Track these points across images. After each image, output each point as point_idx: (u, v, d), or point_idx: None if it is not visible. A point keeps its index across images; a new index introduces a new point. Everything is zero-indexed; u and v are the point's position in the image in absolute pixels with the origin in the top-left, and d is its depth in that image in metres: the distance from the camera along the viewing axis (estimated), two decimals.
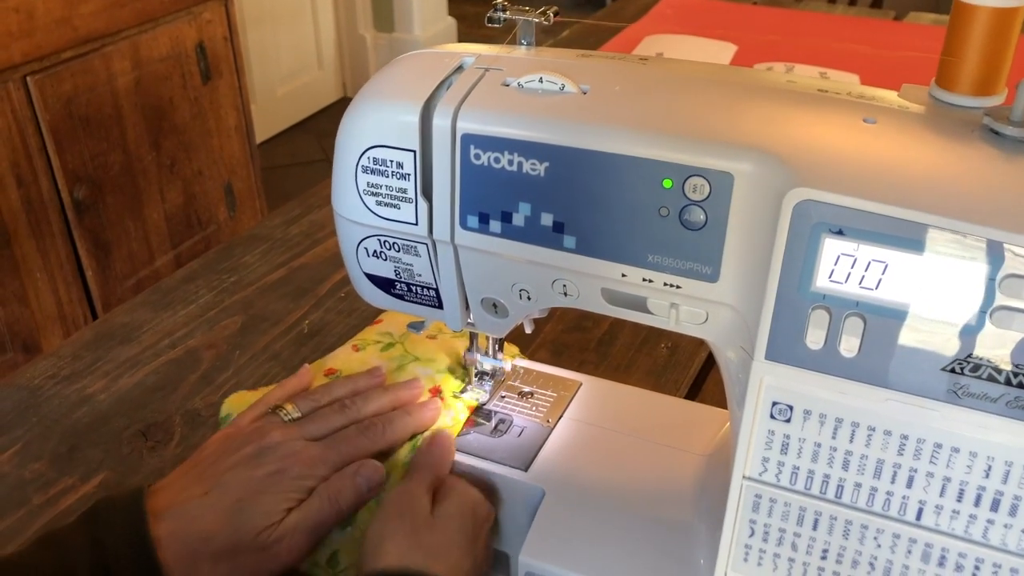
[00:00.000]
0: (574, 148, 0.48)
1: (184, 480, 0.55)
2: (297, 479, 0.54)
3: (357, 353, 0.68)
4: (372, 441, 0.57)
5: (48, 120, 1.66)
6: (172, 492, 0.54)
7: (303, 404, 0.60)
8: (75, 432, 0.75)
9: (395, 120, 0.51)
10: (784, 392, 0.46)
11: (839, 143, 0.45)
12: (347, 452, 0.56)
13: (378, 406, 0.60)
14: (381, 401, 0.60)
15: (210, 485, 0.53)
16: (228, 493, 0.53)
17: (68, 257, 1.75)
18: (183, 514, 0.52)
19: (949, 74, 0.47)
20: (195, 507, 0.52)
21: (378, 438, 0.58)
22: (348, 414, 0.59)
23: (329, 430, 0.58)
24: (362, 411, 0.59)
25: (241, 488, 0.53)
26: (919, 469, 0.45)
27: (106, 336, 0.87)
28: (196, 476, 0.55)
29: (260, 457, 0.54)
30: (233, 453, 0.55)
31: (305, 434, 0.57)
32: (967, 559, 0.45)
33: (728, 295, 0.48)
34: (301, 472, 0.54)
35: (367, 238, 0.55)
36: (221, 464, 0.55)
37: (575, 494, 0.57)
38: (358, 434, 0.57)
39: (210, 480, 0.54)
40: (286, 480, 0.54)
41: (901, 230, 0.41)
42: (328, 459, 0.55)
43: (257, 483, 0.53)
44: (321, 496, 0.54)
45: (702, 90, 0.50)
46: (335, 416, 0.59)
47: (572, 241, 0.50)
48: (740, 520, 0.50)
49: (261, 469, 0.54)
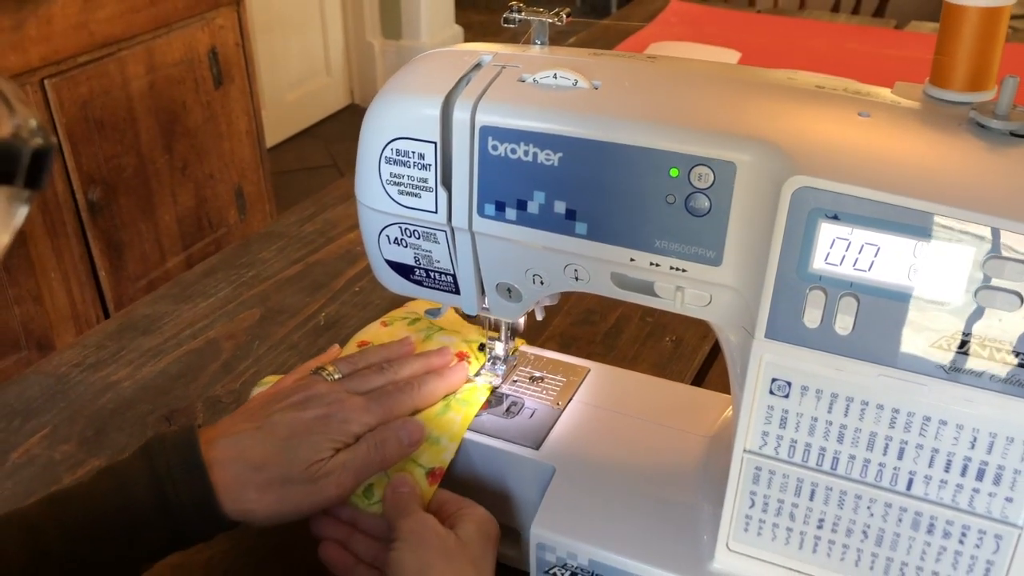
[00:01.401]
0: (586, 139, 0.51)
1: (235, 419, 0.59)
2: (343, 423, 0.58)
3: (386, 328, 0.71)
4: (410, 398, 0.61)
5: (64, 123, 1.69)
6: (223, 427, 0.58)
7: (342, 366, 0.64)
8: (101, 417, 0.78)
9: (417, 113, 0.54)
10: (783, 369, 0.49)
11: (835, 135, 0.48)
12: (388, 405, 0.60)
13: (412, 370, 0.64)
14: (414, 366, 0.64)
15: (261, 422, 0.57)
16: (278, 430, 0.56)
17: (82, 257, 1.79)
18: (235, 443, 0.56)
19: (941, 72, 0.50)
20: (247, 438, 0.56)
21: (415, 396, 0.62)
22: (386, 375, 0.63)
23: (370, 387, 0.62)
24: (398, 373, 0.63)
25: (290, 426, 0.57)
26: (910, 441, 0.47)
27: (129, 327, 0.90)
28: (246, 416, 0.58)
29: (307, 403, 0.58)
30: (282, 399, 0.59)
31: (348, 387, 0.61)
32: (954, 526, 0.48)
33: (730, 278, 0.50)
34: (347, 416, 0.58)
35: (389, 226, 0.58)
36: (270, 407, 0.58)
37: (584, 472, 0.60)
38: (396, 391, 0.61)
39: (260, 418, 0.57)
40: (333, 423, 0.57)
41: (892, 215, 0.44)
42: (372, 409, 0.59)
43: (305, 423, 0.57)
44: (369, 442, 0.58)
45: (707, 86, 0.53)
46: (374, 376, 0.63)
47: (584, 227, 0.53)
48: (741, 492, 0.52)
49: (309, 412, 0.57)
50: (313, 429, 0.57)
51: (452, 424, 0.62)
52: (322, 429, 0.57)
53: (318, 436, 0.56)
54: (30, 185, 0.28)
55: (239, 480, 0.54)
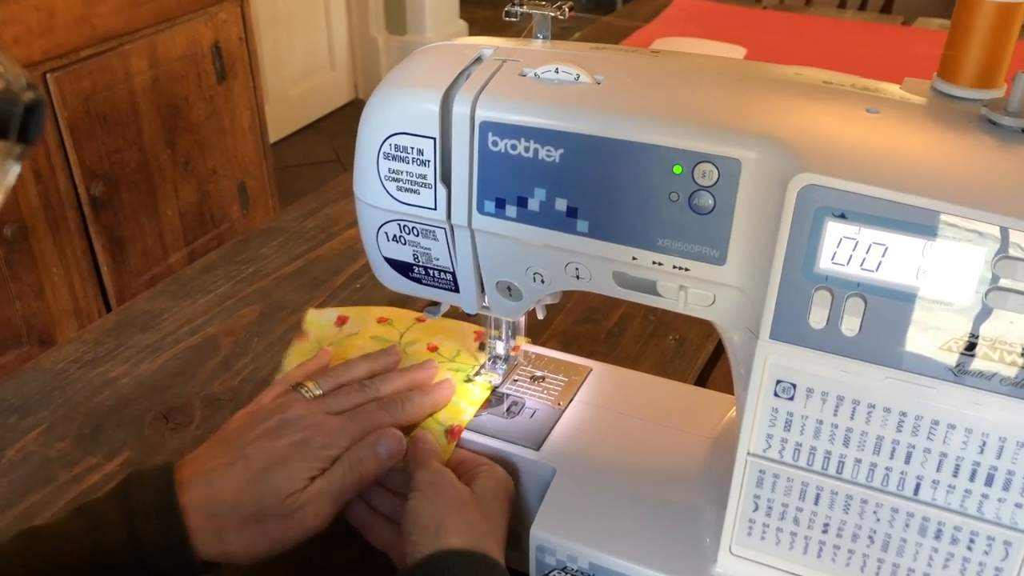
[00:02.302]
0: (588, 135, 0.50)
1: (209, 453, 0.57)
2: (320, 448, 0.56)
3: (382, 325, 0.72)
4: (392, 416, 0.59)
5: (67, 117, 1.68)
6: (198, 463, 0.56)
7: (324, 382, 0.62)
8: (98, 414, 0.77)
9: (416, 108, 0.53)
10: (788, 371, 0.48)
11: (842, 131, 0.47)
12: (367, 425, 0.58)
13: (395, 386, 0.62)
14: (398, 382, 0.63)
15: (234, 456, 0.55)
16: (252, 464, 0.55)
17: (84, 252, 1.78)
18: (208, 483, 0.54)
19: (951, 67, 0.49)
20: (219, 477, 0.54)
21: (397, 414, 0.60)
22: (367, 392, 0.61)
23: (349, 406, 0.60)
24: (381, 390, 0.61)
25: (264, 458, 0.55)
26: (917, 445, 0.46)
27: (127, 323, 0.89)
28: (221, 449, 0.56)
29: (283, 429, 0.56)
30: (256, 427, 0.57)
31: (326, 408, 0.59)
32: (962, 532, 0.47)
33: (735, 277, 0.49)
34: (323, 442, 0.56)
35: (387, 223, 0.57)
36: (245, 437, 0.56)
37: (585, 473, 0.59)
38: (378, 409, 0.59)
39: (234, 452, 0.55)
40: (309, 449, 0.55)
41: (901, 214, 0.43)
42: (349, 430, 0.57)
43: (280, 452, 0.55)
44: (344, 464, 0.56)
45: (711, 81, 0.52)
46: (355, 394, 0.61)
47: (585, 225, 0.52)
48: (744, 495, 0.51)
49: (284, 439, 0.56)
50: (288, 458, 0.55)
51: (471, 392, 0.64)
52: (297, 457, 0.55)
53: (293, 465, 0.55)
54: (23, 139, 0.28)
55: (215, 522, 0.53)
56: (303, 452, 0.55)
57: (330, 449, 0.56)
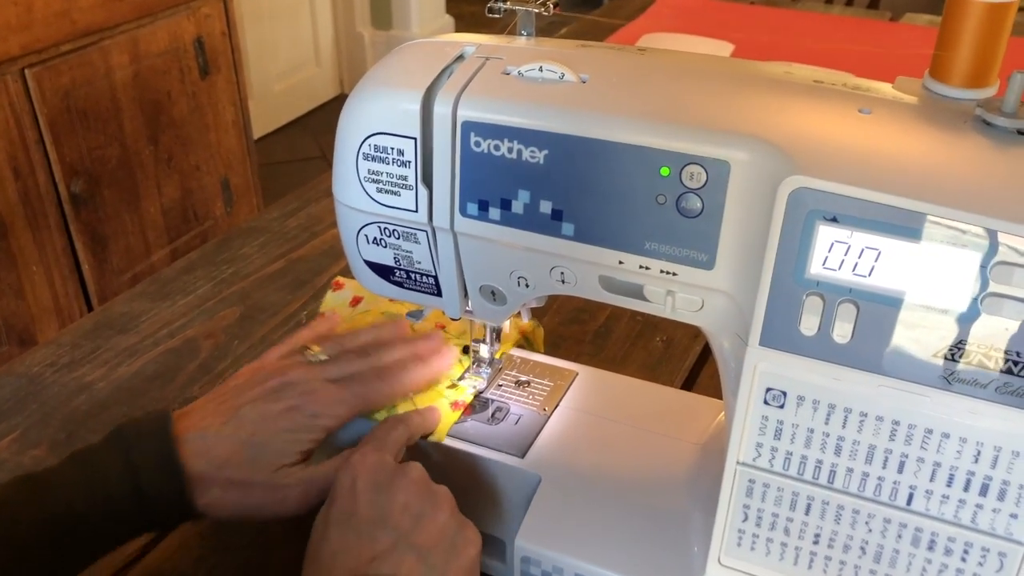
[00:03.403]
0: (573, 136, 0.48)
1: (205, 408, 0.57)
2: (311, 417, 0.56)
3: None
4: (389, 386, 0.60)
5: (46, 113, 1.66)
6: (193, 419, 0.56)
7: (329, 347, 0.62)
8: (74, 420, 0.75)
9: (396, 108, 0.52)
10: (778, 378, 0.46)
11: (834, 132, 0.45)
12: (363, 394, 0.59)
13: (398, 355, 0.62)
14: (401, 351, 0.62)
15: (228, 416, 0.56)
16: (244, 426, 0.55)
17: (65, 250, 1.76)
18: (202, 440, 0.55)
19: (943, 67, 0.48)
20: (212, 435, 0.55)
21: (394, 384, 0.60)
22: (369, 360, 0.61)
23: (348, 373, 0.60)
24: (382, 359, 0.61)
25: (257, 422, 0.55)
26: (910, 454, 0.45)
27: (105, 325, 0.87)
28: (216, 406, 0.57)
29: (280, 391, 0.57)
30: (256, 386, 0.57)
31: (326, 375, 0.59)
32: (956, 543, 0.46)
33: (723, 282, 0.48)
34: (316, 410, 0.56)
35: (367, 225, 0.56)
36: (242, 396, 0.57)
37: (571, 481, 0.58)
38: (375, 378, 0.60)
39: (229, 411, 0.56)
40: (301, 417, 0.56)
41: (894, 218, 0.41)
42: (344, 399, 0.58)
43: (273, 417, 0.56)
44: (338, 461, 0.56)
45: (699, 80, 0.50)
46: (356, 361, 0.61)
47: (570, 228, 0.50)
48: (734, 505, 0.50)
49: (279, 403, 0.56)
50: (280, 426, 0.55)
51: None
52: (289, 426, 0.56)
53: (284, 436, 0.55)
54: None
55: (205, 477, 0.54)
56: (295, 419, 0.56)
57: (322, 419, 0.57)
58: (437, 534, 0.51)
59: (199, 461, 0.54)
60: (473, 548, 0.51)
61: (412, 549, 0.49)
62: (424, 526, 0.51)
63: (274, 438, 0.55)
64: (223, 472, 0.54)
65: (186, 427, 0.56)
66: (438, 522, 0.51)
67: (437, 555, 0.50)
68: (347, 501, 0.52)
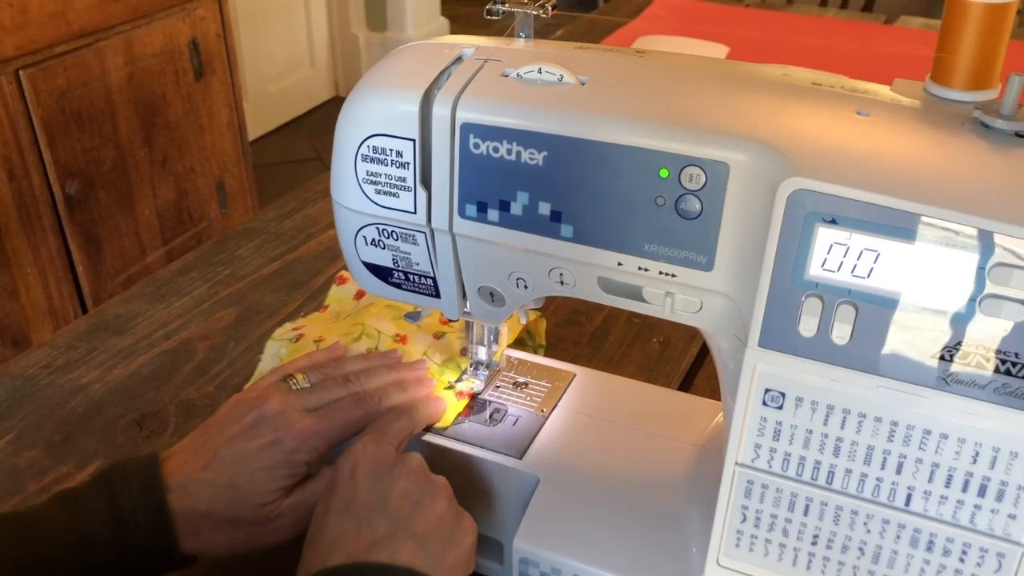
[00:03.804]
0: (572, 138, 0.48)
1: (187, 451, 0.56)
2: (290, 453, 0.55)
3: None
4: (367, 413, 0.59)
5: (40, 114, 1.65)
6: (177, 462, 0.56)
7: (313, 376, 0.61)
8: (69, 421, 0.75)
9: (395, 109, 0.51)
10: (777, 379, 0.46)
11: (833, 134, 0.46)
12: (340, 423, 0.58)
13: (380, 382, 0.62)
14: (384, 378, 0.62)
15: (208, 460, 0.55)
16: (224, 469, 0.54)
17: (59, 252, 1.75)
18: (184, 490, 0.54)
19: (943, 69, 0.48)
20: (194, 484, 0.54)
21: (372, 411, 0.59)
22: (350, 387, 0.60)
23: (327, 401, 0.59)
24: (364, 386, 0.61)
25: (235, 463, 0.55)
26: (908, 455, 0.45)
27: (100, 327, 0.87)
28: (197, 448, 0.56)
29: (255, 427, 0.56)
30: (233, 423, 0.56)
31: (304, 404, 0.58)
32: (954, 544, 0.46)
33: (722, 284, 0.48)
34: (294, 446, 0.55)
35: (365, 226, 0.56)
36: (222, 434, 0.56)
37: (569, 482, 0.58)
38: (353, 405, 0.59)
39: (208, 455, 0.55)
40: (279, 453, 0.55)
41: (893, 219, 0.42)
42: (322, 432, 0.57)
43: (250, 456, 0.55)
44: (323, 479, 0.56)
45: (698, 82, 0.51)
46: (337, 388, 0.60)
47: (569, 230, 0.50)
48: (732, 506, 0.50)
49: (255, 441, 0.55)
50: (257, 465, 0.54)
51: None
52: (267, 464, 0.55)
53: (262, 475, 0.54)
54: None
55: (192, 525, 0.54)
56: (272, 458, 0.55)
57: (300, 454, 0.56)
58: (435, 522, 0.51)
59: (184, 509, 0.53)
60: (470, 537, 0.52)
61: (410, 536, 0.50)
62: (422, 514, 0.51)
63: (253, 478, 0.54)
64: (209, 520, 0.54)
65: (170, 472, 0.55)
66: (436, 510, 0.51)
67: (434, 543, 0.50)
68: (347, 488, 0.52)
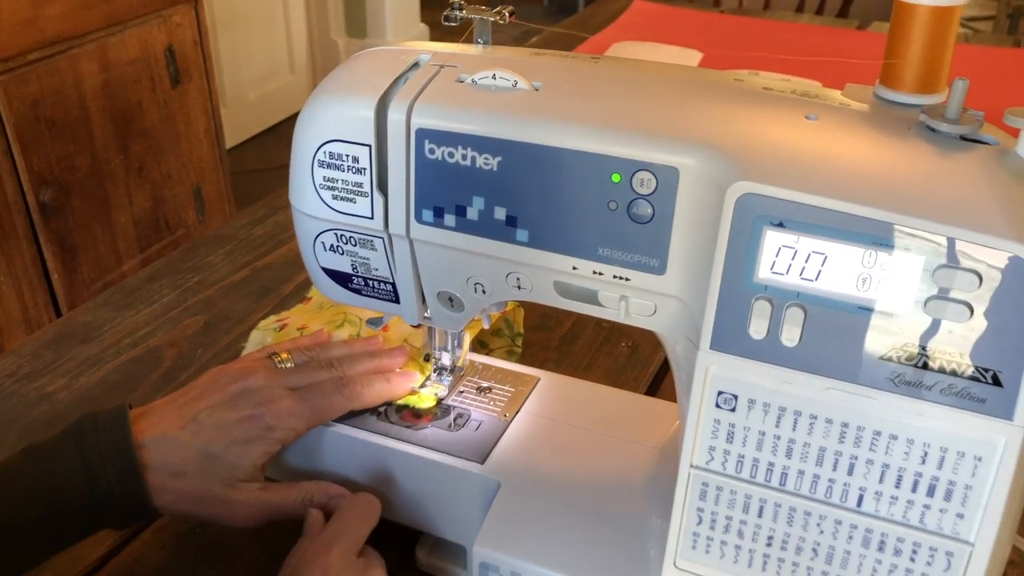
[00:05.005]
0: (526, 143, 0.48)
1: (165, 410, 0.57)
2: (267, 429, 0.57)
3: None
4: (346, 398, 0.60)
5: (13, 122, 1.64)
6: (152, 419, 0.57)
7: (298, 356, 0.62)
8: (33, 431, 0.74)
9: (351, 115, 0.52)
10: (729, 381, 0.47)
11: (781, 139, 0.46)
12: (319, 406, 0.59)
13: (362, 368, 0.62)
14: (366, 365, 0.63)
15: (187, 421, 0.56)
16: (201, 433, 0.56)
17: (33, 260, 1.74)
18: (159, 446, 0.55)
19: (891, 73, 0.49)
20: (170, 441, 0.55)
21: (352, 397, 0.60)
22: (332, 372, 0.61)
23: (310, 382, 0.60)
24: (346, 371, 0.62)
25: (213, 429, 0.56)
26: (859, 456, 0.46)
27: (67, 335, 0.86)
28: (177, 408, 0.57)
29: (238, 399, 0.57)
30: (217, 391, 0.58)
31: (287, 382, 0.59)
32: (905, 543, 0.46)
33: (675, 287, 0.49)
34: (272, 423, 0.57)
35: (324, 232, 0.56)
36: (202, 400, 0.57)
37: (530, 486, 0.58)
38: (334, 390, 0.60)
39: (188, 416, 0.56)
40: (256, 428, 0.56)
41: (839, 222, 0.42)
42: (301, 413, 0.58)
43: (229, 426, 0.56)
44: (299, 489, 0.57)
45: (651, 88, 0.51)
46: (320, 371, 0.61)
47: (525, 235, 0.50)
48: (688, 509, 0.50)
49: (236, 412, 0.57)
50: (234, 436, 0.56)
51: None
52: (243, 436, 0.56)
53: (238, 448, 0.56)
54: None
55: (160, 482, 0.55)
56: (250, 431, 0.56)
57: (278, 431, 0.57)
58: None
59: (156, 466, 0.55)
60: None
61: None
62: None
63: (228, 449, 0.56)
64: (178, 481, 0.55)
65: (144, 428, 0.56)
66: None
67: None
68: None
